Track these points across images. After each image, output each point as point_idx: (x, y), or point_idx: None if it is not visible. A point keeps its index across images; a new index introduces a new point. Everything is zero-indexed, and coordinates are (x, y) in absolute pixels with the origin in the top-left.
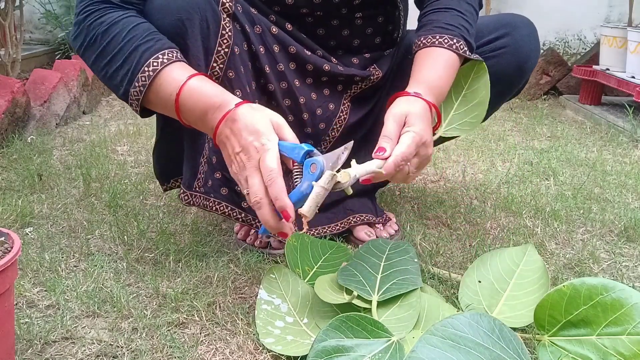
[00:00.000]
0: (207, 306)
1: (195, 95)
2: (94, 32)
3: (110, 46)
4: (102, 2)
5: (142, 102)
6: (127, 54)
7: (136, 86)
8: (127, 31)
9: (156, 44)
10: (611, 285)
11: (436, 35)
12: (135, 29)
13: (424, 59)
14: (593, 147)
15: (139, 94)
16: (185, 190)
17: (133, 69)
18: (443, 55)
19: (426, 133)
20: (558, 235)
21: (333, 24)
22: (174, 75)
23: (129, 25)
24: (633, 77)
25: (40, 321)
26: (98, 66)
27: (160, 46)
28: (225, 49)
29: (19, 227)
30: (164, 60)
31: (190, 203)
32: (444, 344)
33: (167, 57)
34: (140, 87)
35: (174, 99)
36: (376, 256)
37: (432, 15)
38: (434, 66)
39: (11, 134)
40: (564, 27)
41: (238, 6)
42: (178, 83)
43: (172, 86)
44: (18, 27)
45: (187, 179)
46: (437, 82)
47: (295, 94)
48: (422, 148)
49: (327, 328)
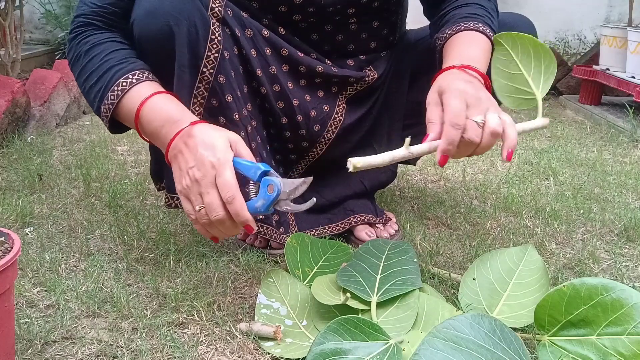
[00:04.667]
0: (207, 306)
1: (156, 109)
2: (79, 50)
3: (89, 64)
4: (90, 25)
5: (111, 118)
6: (101, 73)
7: (105, 104)
8: (106, 53)
9: (129, 66)
10: (611, 285)
11: (461, 24)
12: (115, 52)
13: (453, 46)
14: (593, 147)
15: (108, 111)
16: (167, 193)
17: (104, 87)
18: (473, 36)
19: (469, 87)
20: (558, 235)
21: (327, 29)
22: (140, 92)
23: (110, 48)
24: (633, 77)
25: (40, 321)
26: (80, 81)
27: (132, 67)
28: (215, 53)
29: (19, 227)
30: (132, 81)
31: (172, 205)
32: (446, 346)
33: (136, 77)
34: (109, 105)
35: (136, 111)
36: (376, 256)
37: (453, 11)
38: (465, 46)
39: (11, 134)
40: (564, 27)
41: (228, 10)
42: (141, 97)
43: (135, 100)
44: (18, 27)
45: (170, 183)
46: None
47: (289, 96)
48: (475, 101)
49: (325, 331)
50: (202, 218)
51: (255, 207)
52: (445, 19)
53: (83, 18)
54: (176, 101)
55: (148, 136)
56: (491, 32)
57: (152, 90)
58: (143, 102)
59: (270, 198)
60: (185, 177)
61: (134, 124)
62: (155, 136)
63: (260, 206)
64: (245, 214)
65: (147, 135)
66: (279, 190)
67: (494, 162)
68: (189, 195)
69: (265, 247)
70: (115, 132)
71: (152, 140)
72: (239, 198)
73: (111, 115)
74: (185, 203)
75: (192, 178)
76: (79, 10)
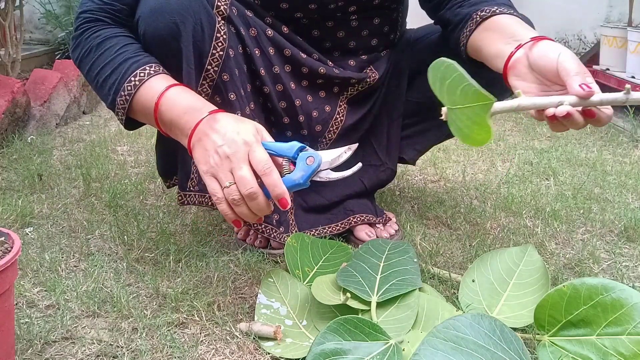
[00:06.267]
0: (207, 306)
1: (177, 98)
2: (89, 44)
3: (102, 57)
4: (98, 20)
5: (127, 111)
6: (116, 64)
7: (122, 95)
8: (120, 46)
9: (144, 59)
10: (611, 285)
11: (504, 9)
12: (127, 46)
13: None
14: (593, 147)
15: (125, 102)
16: (179, 191)
17: (120, 78)
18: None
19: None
20: (558, 235)
21: (328, 26)
22: (158, 82)
23: (121, 42)
24: (633, 77)
25: (40, 321)
26: (91, 76)
27: (148, 61)
28: (220, 51)
29: (19, 227)
30: (150, 72)
31: (185, 202)
32: (446, 346)
33: (153, 69)
34: (126, 96)
35: (155, 102)
36: (375, 256)
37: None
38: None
39: (11, 134)
40: (564, 27)
41: (233, 9)
42: (161, 87)
43: (154, 90)
44: (18, 27)
45: (181, 181)
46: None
47: (291, 96)
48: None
49: (325, 331)
50: (232, 194)
51: (293, 180)
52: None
53: (89, 14)
54: (195, 93)
55: (166, 125)
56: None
57: (170, 82)
58: (164, 92)
59: (311, 168)
60: (213, 156)
61: (151, 114)
62: (175, 124)
63: (299, 178)
64: (282, 186)
65: (165, 124)
66: (320, 160)
67: (494, 162)
68: (217, 173)
69: (265, 247)
70: (129, 126)
71: (168, 130)
72: (275, 170)
73: (128, 107)
74: (211, 182)
75: (221, 155)
76: (84, 7)
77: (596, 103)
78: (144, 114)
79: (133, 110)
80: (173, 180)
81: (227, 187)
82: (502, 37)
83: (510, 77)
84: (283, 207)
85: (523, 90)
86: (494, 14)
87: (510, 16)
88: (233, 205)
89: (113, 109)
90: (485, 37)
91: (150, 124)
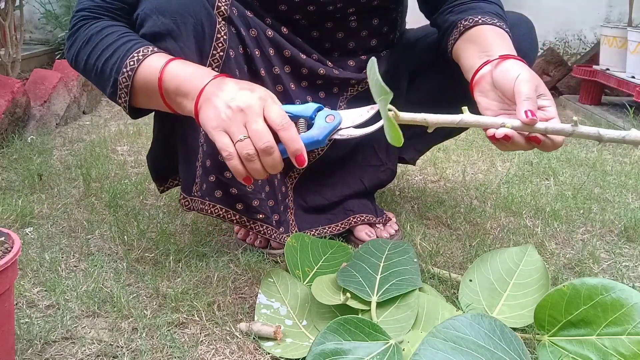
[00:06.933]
0: (207, 306)
1: (182, 66)
2: (88, 33)
3: (103, 42)
4: (95, 18)
5: (130, 91)
6: (118, 45)
7: (124, 72)
8: (120, 33)
9: (146, 42)
10: (611, 285)
11: (487, 18)
12: (127, 33)
13: (492, 35)
14: (593, 147)
15: (128, 79)
16: (185, 195)
17: (123, 56)
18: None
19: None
20: (558, 235)
21: (327, 27)
22: (160, 58)
23: (122, 30)
24: (633, 77)
25: (40, 321)
26: (89, 64)
27: (149, 44)
28: (220, 52)
29: (19, 227)
30: (154, 50)
31: (191, 208)
32: (445, 346)
33: (155, 49)
34: (129, 72)
35: (160, 70)
36: (375, 256)
37: (464, 6)
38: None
39: (11, 134)
40: (564, 27)
41: (233, 9)
42: (165, 60)
43: (158, 63)
44: (18, 27)
45: (186, 184)
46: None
47: (291, 96)
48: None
49: (325, 331)
50: (246, 149)
51: (312, 137)
52: (462, 8)
53: (87, 12)
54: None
55: (170, 95)
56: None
57: (173, 57)
58: (168, 62)
59: (331, 126)
60: (225, 110)
61: (155, 86)
62: (180, 90)
63: (318, 135)
64: (300, 141)
65: (170, 93)
66: (340, 119)
67: (494, 162)
68: (230, 127)
69: (265, 247)
70: (132, 113)
71: (172, 101)
72: (293, 125)
73: (131, 84)
74: (221, 137)
75: (234, 109)
76: (81, 5)
77: (540, 131)
78: (147, 89)
79: (135, 89)
80: (168, 183)
81: (241, 141)
82: (477, 51)
83: (475, 92)
84: (300, 164)
85: (484, 107)
86: (476, 24)
87: (492, 27)
88: (245, 161)
89: (115, 92)
90: (465, 48)
91: (152, 101)
